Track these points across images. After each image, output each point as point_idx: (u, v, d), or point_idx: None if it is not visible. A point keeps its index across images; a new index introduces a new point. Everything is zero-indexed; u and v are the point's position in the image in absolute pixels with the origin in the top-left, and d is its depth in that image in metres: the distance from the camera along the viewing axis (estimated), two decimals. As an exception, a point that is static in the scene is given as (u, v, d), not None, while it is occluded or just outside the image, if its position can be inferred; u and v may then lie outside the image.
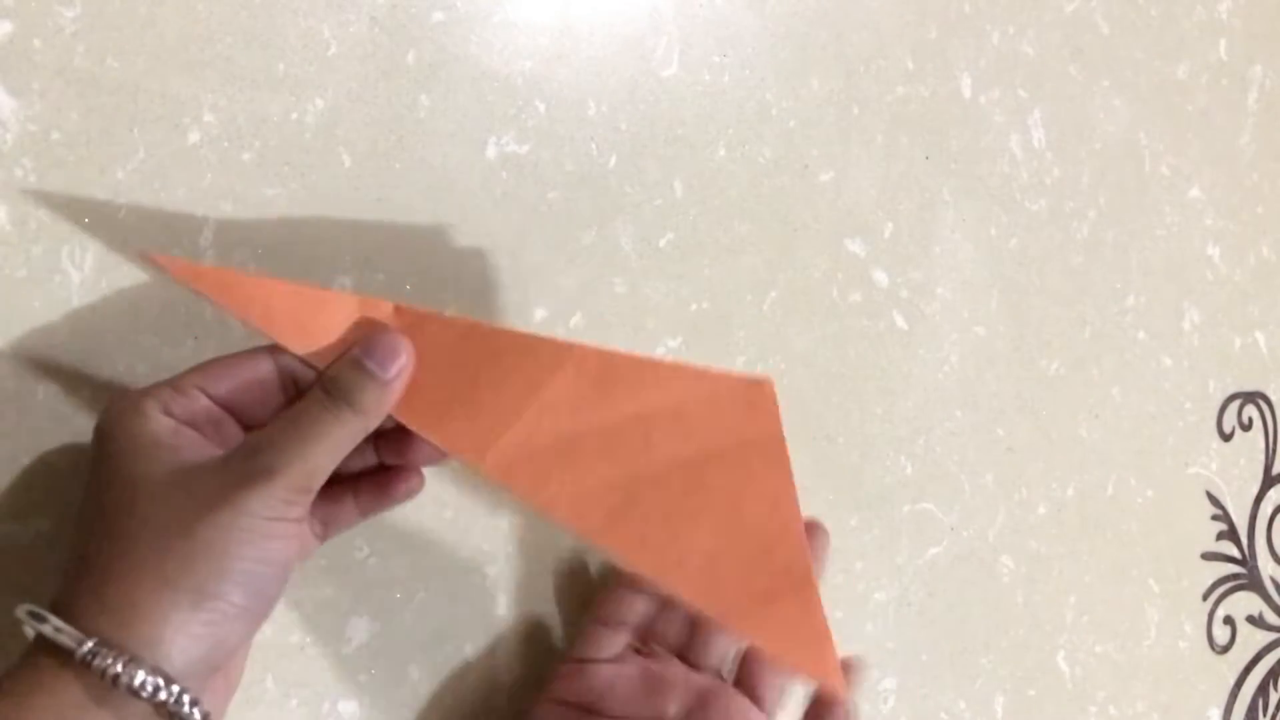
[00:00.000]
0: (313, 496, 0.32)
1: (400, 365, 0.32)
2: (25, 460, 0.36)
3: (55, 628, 0.28)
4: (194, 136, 0.39)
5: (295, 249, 0.40)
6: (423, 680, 0.42)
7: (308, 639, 0.40)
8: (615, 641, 0.42)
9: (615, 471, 0.34)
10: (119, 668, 0.28)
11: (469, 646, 0.43)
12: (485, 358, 0.34)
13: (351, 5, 0.41)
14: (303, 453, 0.31)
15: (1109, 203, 0.61)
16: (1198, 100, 0.65)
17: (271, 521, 0.30)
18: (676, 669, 0.41)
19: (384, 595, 0.42)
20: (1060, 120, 0.60)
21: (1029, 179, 0.58)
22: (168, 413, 0.31)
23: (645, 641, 0.43)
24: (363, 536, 0.41)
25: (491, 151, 0.44)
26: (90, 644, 0.28)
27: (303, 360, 0.33)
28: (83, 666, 0.28)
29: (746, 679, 0.42)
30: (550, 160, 0.45)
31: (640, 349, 0.47)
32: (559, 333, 0.45)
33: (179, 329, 0.38)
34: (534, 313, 0.45)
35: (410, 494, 0.38)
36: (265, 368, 0.33)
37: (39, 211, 0.36)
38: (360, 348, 0.32)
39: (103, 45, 0.37)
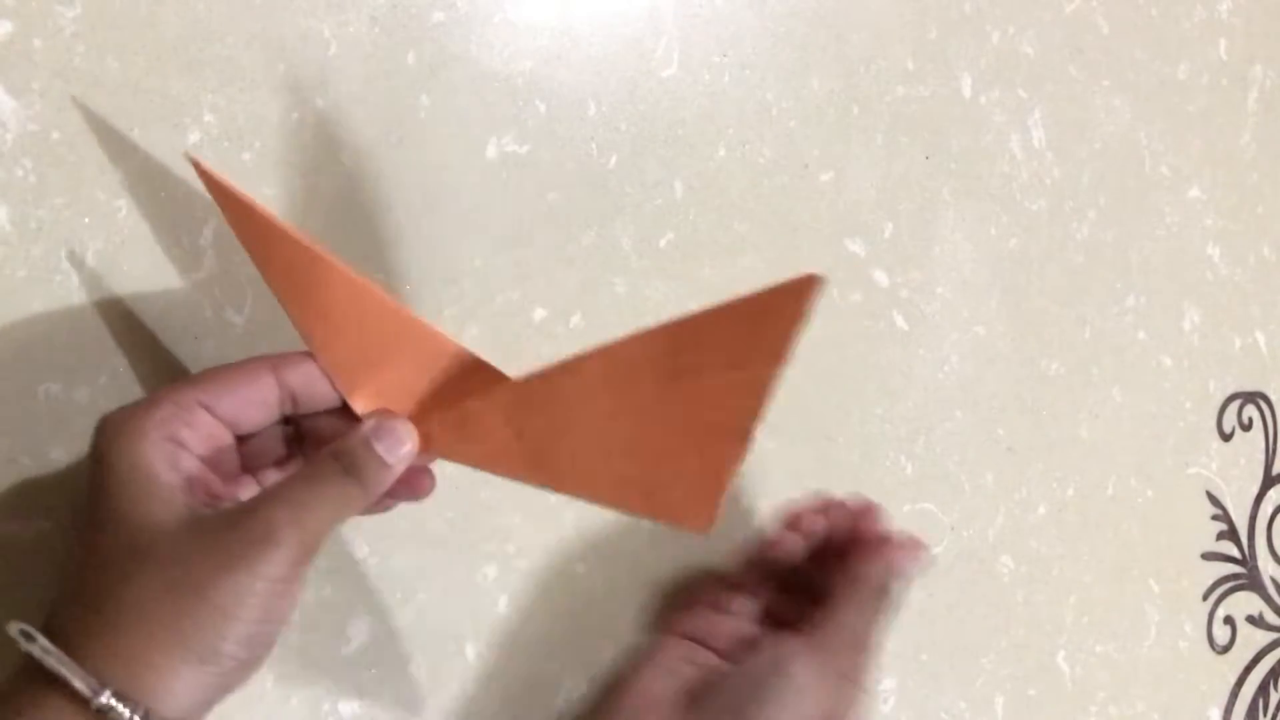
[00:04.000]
0: (312, 559, 0.32)
1: (406, 451, 0.34)
2: (25, 460, 0.36)
3: (74, 674, 0.28)
4: (194, 136, 0.39)
5: (295, 249, 0.40)
6: (423, 680, 0.42)
7: (308, 639, 0.40)
8: (737, 600, 0.45)
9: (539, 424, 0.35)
10: None
11: (469, 646, 0.43)
12: (456, 372, 0.35)
13: (351, 5, 0.41)
14: (309, 517, 0.31)
15: (1109, 203, 0.61)
16: (1198, 100, 0.65)
17: (277, 583, 0.31)
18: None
19: (384, 595, 0.42)
20: (1060, 120, 0.59)
21: (1029, 179, 0.58)
22: (172, 438, 0.32)
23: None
24: (363, 536, 0.41)
25: (491, 151, 0.44)
26: (106, 696, 0.28)
27: (301, 329, 0.34)
28: (96, 714, 0.28)
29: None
30: (550, 160, 0.45)
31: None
32: (558, 332, 0.45)
33: (179, 329, 0.38)
34: (534, 312, 0.45)
35: (416, 496, 0.38)
36: (268, 387, 0.34)
37: (39, 211, 0.36)
38: (372, 427, 0.34)
39: (103, 45, 0.37)
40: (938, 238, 0.55)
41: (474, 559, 0.43)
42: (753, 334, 0.32)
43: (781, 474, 0.50)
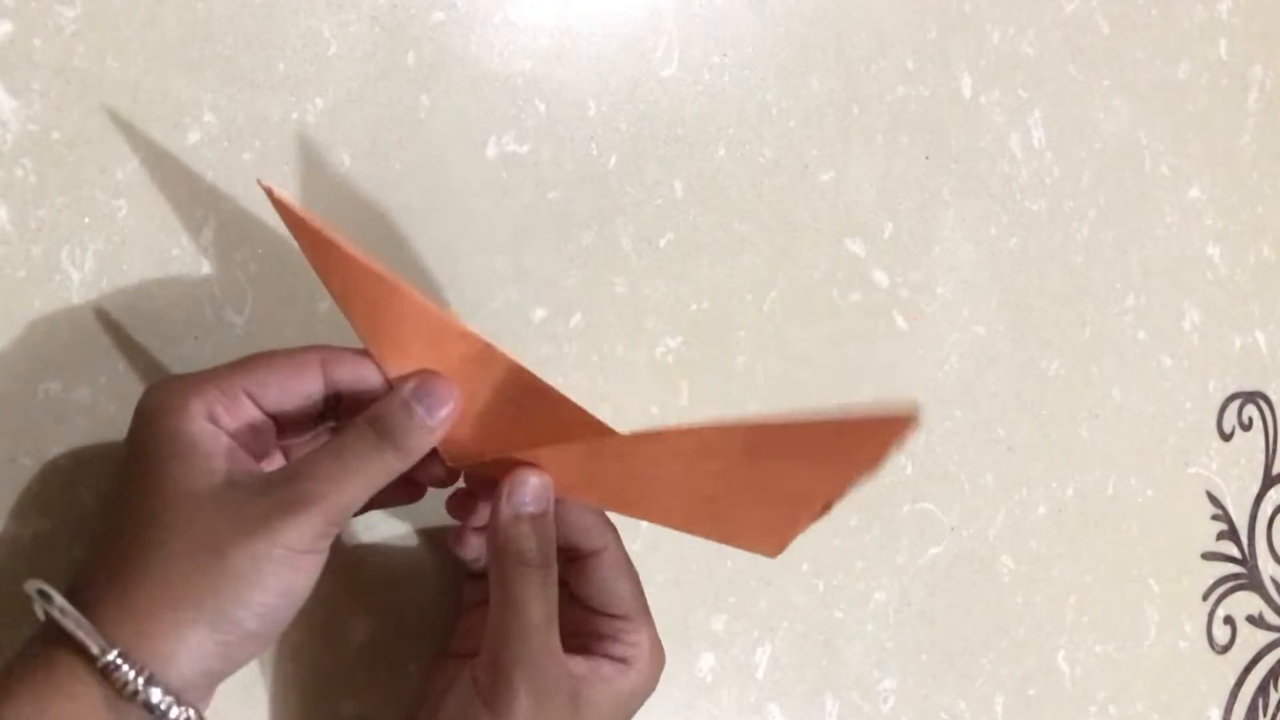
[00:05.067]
0: (340, 529, 0.32)
1: (448, 412, 0.32)
2: (25, 460, 0.36)
3: (85, 631, 0.28)
4: (194, 136, 0.39)
5: (295, 249, 0.40)
6: (423, 680, 0.42)
7: (308, 639, 0.40)
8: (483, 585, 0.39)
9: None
10: (139, 683, 0.28)
11: (469, 646, 0.43)
12: (531, 406, 0.34)
13: (351, 5, 0.41)
14: (342, 486, 0.31)
15: (1109, 203, 0.61)
16: (1198, 100, 0.65)
17: (301, 554, 0.30)
18: None
19: (384, 595, 0.42)
20: (1060, 120, 0.60)
21: (1029, 179, 0.58)
22: (212, 419, 0.31)
23: None
24: (363, 536, 0.41)
25: (491, 151, 0.44)
26: (114, 654, 0.28)
27: (365, 341, 0.33)
28: (101, 673, 0.28)
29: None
30: (550, 160, 0.45)
31: (640, 349, 0.47)
32: (558, 332, 0.45)
33: (179, 329, 0.38)
34: (534, 313, 0.45)
35: (413, 496, 0.38)
36: (313, 381, 0.33)
37: (39, 211, 0.36)
38: (412, 389, 0.32)
39: (103, 45, 0.37)
40: (938, 238, 0.55)
41: (474, 559, 0.43)
42: (837, 454, 0.33)
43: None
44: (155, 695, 0.28)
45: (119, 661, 0.28)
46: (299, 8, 0.40)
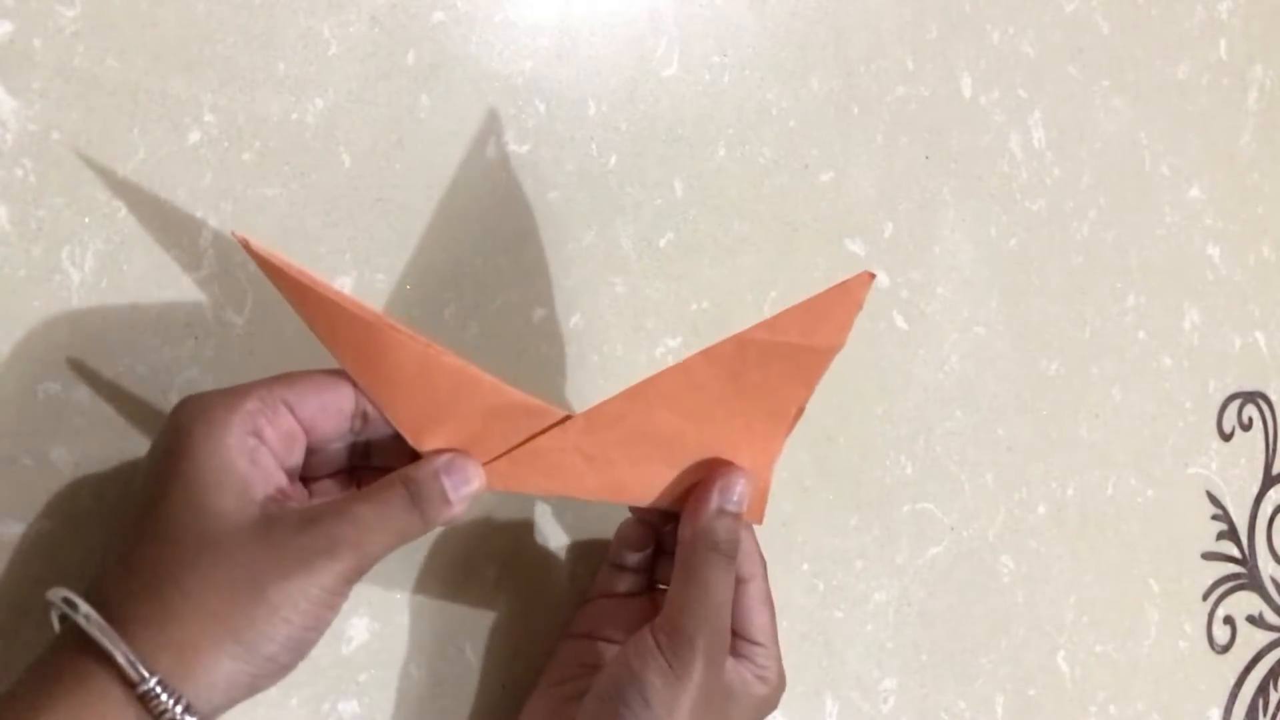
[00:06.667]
0: (365, 574, 0.33)
1: (470, 492, 0.35)
2: (25, 460, 0.36)
3: (122, 654, 0.29)
4: (194, 136, 0.39)
5: (295, 249, 0.40)
6: (423, 680, 0.42)
7: (308, 639, 0.40)
8: (624, 579, 0.43)
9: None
10: (176, 711, 0.29)
11: (469, 646, 0.43)
12: (487, 404, 0.35)
13: (351, 5, 0.41)
14: (373, 538, 0.32)
15: (1109, 203, 0.61)
16: (1198, 100, 0.65)
17: (333, 595, 0.31)
18: None
19: (384, 595, 0.42)
20: (1060, 120, 0.60)
21: (1029, 179, 0.58)
22: (255, 432, 0.32)
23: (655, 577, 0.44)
24: (363, 536, 0.41)
25: (491, 151, 0.44)
26: (154, 682, 0.28)
27: (368, 397, 0.34)
28: (139, 699, 0.28)
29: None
30: (550, 160, 0.45)
31: (640, 349, 0.47)
32: (558, 332, 0.45)
33: (179, 329, 0.38)
34: (534, 312, 0.45)
35: None
36: (347, 399, 0.34)
37: (39, 211, 0.36)
38: (444, 463, 0.34)
39: (103, 45, 0.37)
40: (938, 238, 0.55)
41: (474, 559, 0.43)
42: (815, 327, 0.36)
43: (782, 474, 0.50)
44: None
45: (158, 690, 0.28)
46: (299, 8, 0.40)
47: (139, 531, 0.31)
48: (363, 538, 0.32)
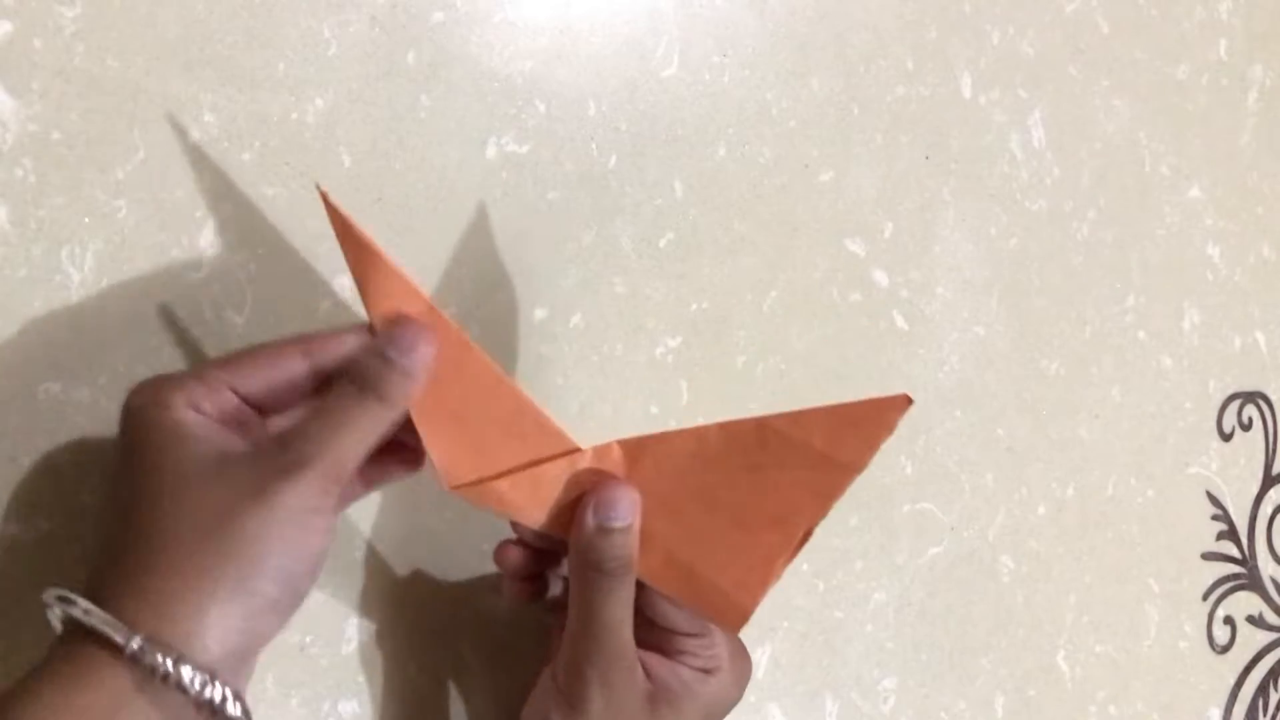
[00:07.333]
0: (342, 487, 0.32)
1: (421, 355, 0.33)
2: (25, 460, 0.36)
3: (102, 620, 0.28)
4: (194, 136, 0.39)
5: (295, 249, 0.40)
6: (423, 680, 0.42)
7: (308, 639, 0.40)
8: None
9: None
10: (168, 665, 0.28)
11: (469, 646, 0.43)
12: (505, 410, 0.35)
13: (351, 5, 0.41)
14: (333, 443, 0.31)
15: (1109, 203, 0.61)
16: (1198, 100, 0.65)
17: (306, 514, 0.30)
18: None
19: (384, 595, 0.42)
20: (1060, 120, 0.60)
21: (1029, 179, 0.58)
22: (195, 408, 0.31)
23: None
24: (363, 536, 0.41)
25: (491, 151, 0.44)
26: (139, 639, 0.28)
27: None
28: (130, 660, 0.28)
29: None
30: (550, 160, 0.45)
31: (640, 349, 0.47)
32: (558, 332, 0.45)
33: (179, 329, 0.38)
34: (534, 313, 0.45)
35: (408, 469, 0.38)
36: (298, 367, 0.33)
37: (39, 211, 0.36)
38: (383, 337, 0.33)
39: (103, 45, 0.37)
40: (938, 238, 0.55)
41: (473, 559, 0.43)
42: (841, 438, 0.34)
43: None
44: (186, 674, 0.28)
45: (145, 646, 0.28)
46: (299, 8, 0.40)
47: (110, 519, 0.31)
48: (318, 449, 0.31)
